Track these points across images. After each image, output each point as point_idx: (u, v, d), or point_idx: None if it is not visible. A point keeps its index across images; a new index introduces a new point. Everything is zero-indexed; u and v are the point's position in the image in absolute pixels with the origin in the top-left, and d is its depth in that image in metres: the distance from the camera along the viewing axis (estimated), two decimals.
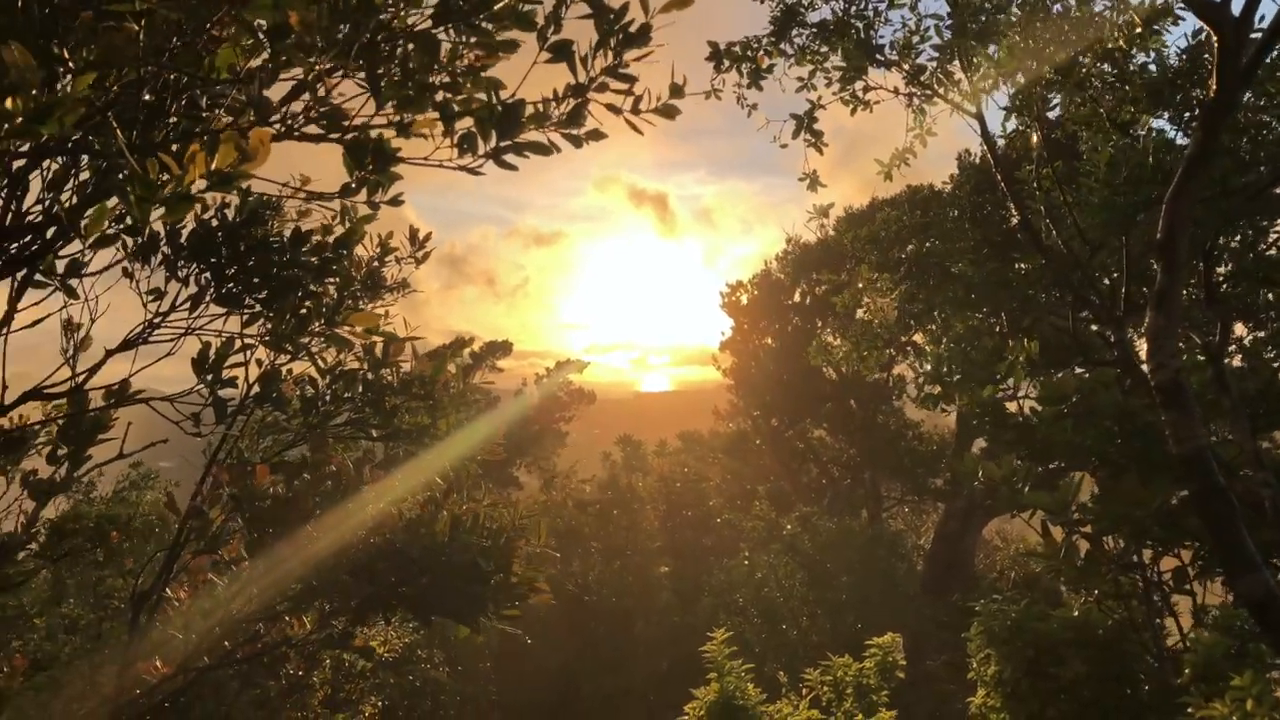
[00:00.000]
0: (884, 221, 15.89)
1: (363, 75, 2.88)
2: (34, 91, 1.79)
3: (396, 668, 13.23)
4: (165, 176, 1.99)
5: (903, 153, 10.00)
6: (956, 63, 9.60)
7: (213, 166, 2.06)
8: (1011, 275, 13.00)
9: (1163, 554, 7.96)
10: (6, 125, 1.80)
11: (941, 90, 9.84)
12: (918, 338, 21.82)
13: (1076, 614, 7.34)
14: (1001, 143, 11.73)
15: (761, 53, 9.30)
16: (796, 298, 32.47)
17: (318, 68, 2.65)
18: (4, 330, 3.86)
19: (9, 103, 1.80)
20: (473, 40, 2.98)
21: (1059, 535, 7.19)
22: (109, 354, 4.33)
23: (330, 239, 5.09)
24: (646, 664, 23.82)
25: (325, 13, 2.43)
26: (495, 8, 2.88)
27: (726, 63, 9.27)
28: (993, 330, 13.23)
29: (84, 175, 3.72)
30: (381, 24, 2.66)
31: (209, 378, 4.48)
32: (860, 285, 16.40)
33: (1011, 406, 8.80)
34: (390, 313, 5.79)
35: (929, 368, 12.34)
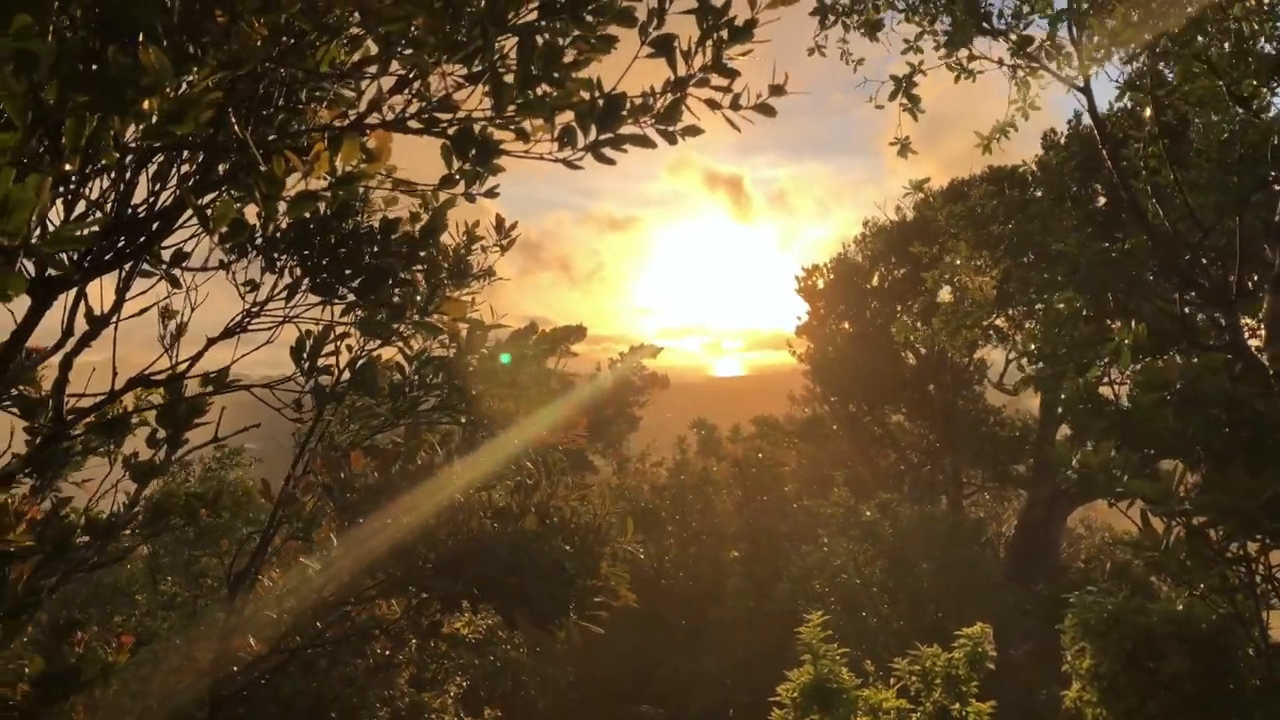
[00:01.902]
0: (981, 197, 15.49)
1: (465, 71, 2.88)
2: (169, 93, 1.80)
3: (479, 649, 13.40)
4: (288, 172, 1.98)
5: (1003, 125, 9.71)
6: (1066, 35, 9.25)
7: (337, 166, 2.06)
8: (1116, 256, 12.55)
9: (1271, 547, 7.63)
10: (143, 126, 1.82)
11: (1049, 63, 9.49)
12: (999, 321, 21.30)
13: (1180, 608, 7.10)
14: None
15: (871, 6, 9.07)
16: (875, 281, 31.99)
17: (440, 70, 2.65)
18: (114, 319, 3.95)
19: (146, 104, 1.81)
20: (575, 35, 2.95)
21: (1159, 526, 6.93)
22: (211, 342, 4.41)
23: (416, 228, 5.13)
24: (721, 649, 23.79)
25: (450, 17, 2.42)
26: (599, 2, 2.85)
27: (831, 18, 9.07)
28: (1094, 312, 12.82)
29: (185, 169, 3.79)
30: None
31: (306, 365, 4.55)
32: (957, 263, 15.98)
33: (1104, 391, 8.52)
34: (475, 300, 5.83)
35: (1027, 349, 11.99)
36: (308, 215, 4.82)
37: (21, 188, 1.47)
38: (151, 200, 3.68)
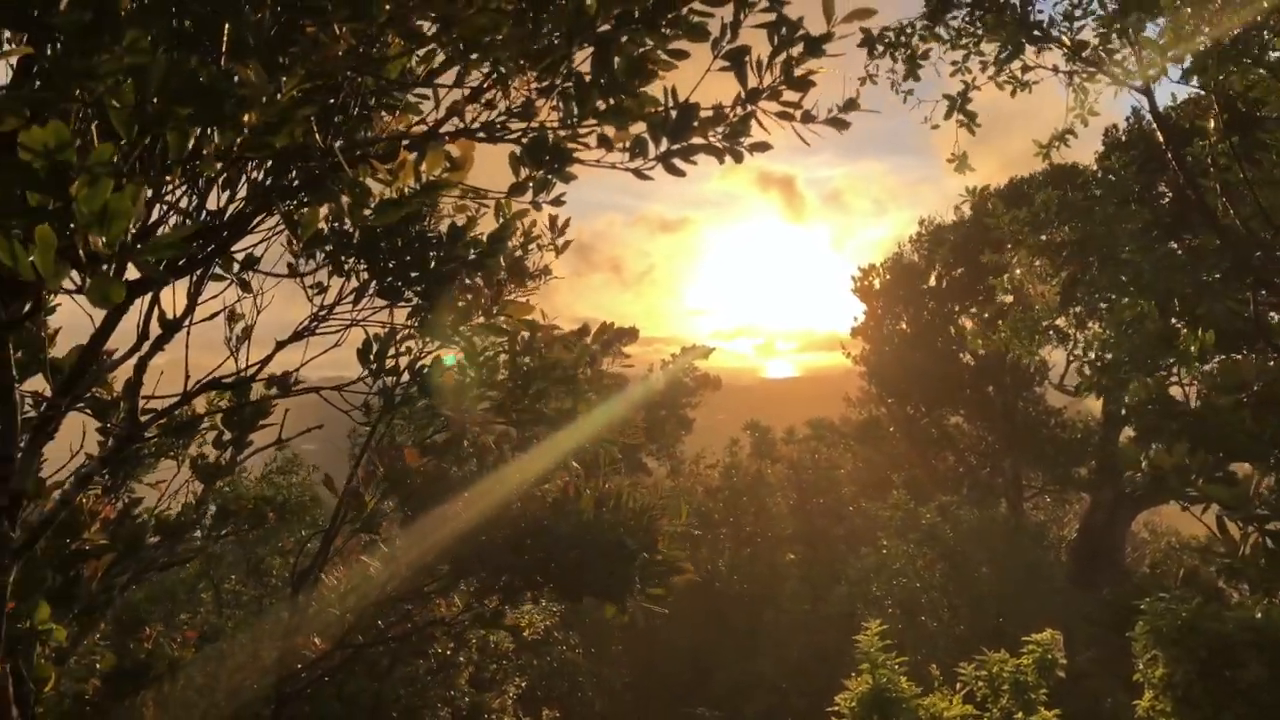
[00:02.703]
0: (1043, 204, 15.21)
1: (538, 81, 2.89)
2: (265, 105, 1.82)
3: (537, 649, 13.48)
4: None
5: (1062, 133, 9.52)
6: (1118, 39, 9.04)
7: (422, 175, 2.07)
8: (1183, 258, 12.22)
9: None
10: (240, 139, 1.84)
11: (1104, 66, 9.28)
12: (1060, 321, 20.89)
13: (1259, 615, 6.88)
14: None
15: (916, 38, 8.99)
16: (932, 281, 31.57)
17: (526, 84, 2.66)
18: (187, 323, 4.02)
19: (246, 117, 1.83)
20: (648, 46, 2.94)
21: (1235, 531, 6.73)
22: (280, 345, 4.47)
23: (482, 234, 5.17)
24: (777, 651, 23.66)
25: (531, 26, 2.42)
26: (671, 15, 2.84)
27: (880, 48, 9.00)
28: (1161, 315, 12.50)
29: (254, 175, 3.85)
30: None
31: (374, 367, 4.59)
32: (1018, 271, 15.70)
33: (1174, 392, 8.27)
34: (531, 301, 5.85)
35: (1091, 353, 11.73)
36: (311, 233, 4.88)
37: (120, 197, 1.49)
38: (225, 206, 3.74)
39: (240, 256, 4.33)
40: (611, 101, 2.79)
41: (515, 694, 11.53)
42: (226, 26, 1.99)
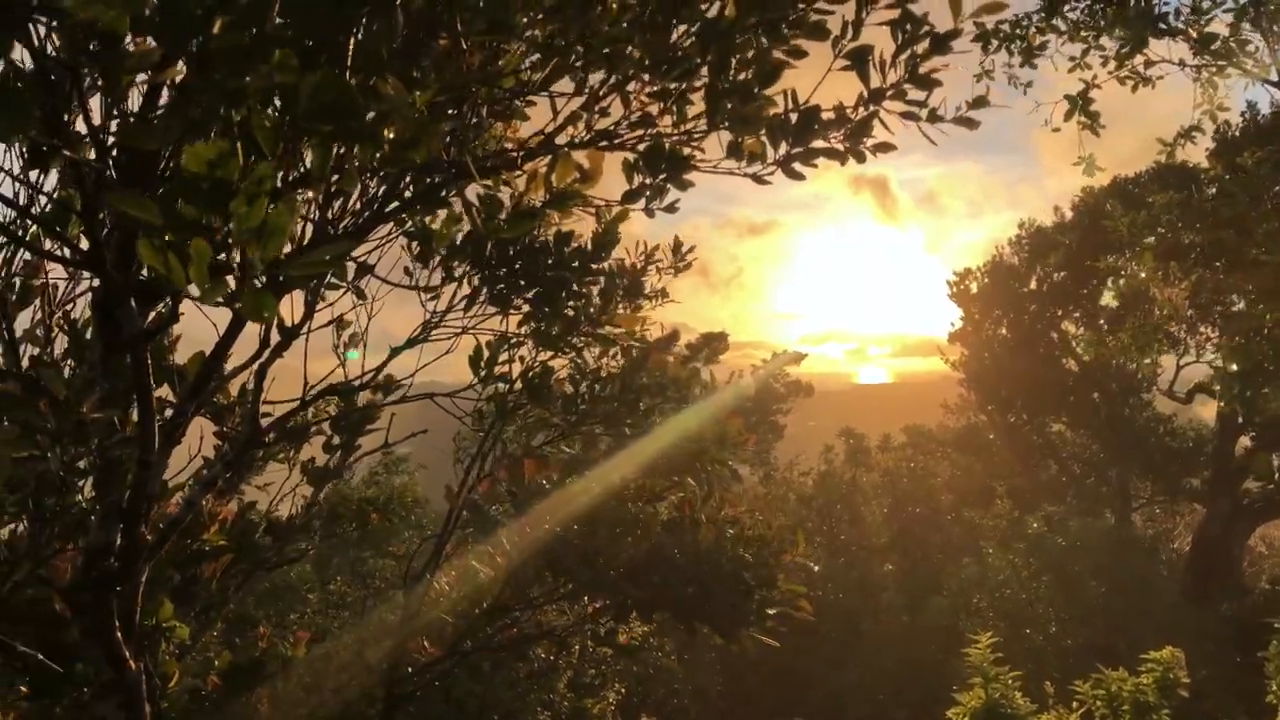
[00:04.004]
0: (1164, 205, 14.63)
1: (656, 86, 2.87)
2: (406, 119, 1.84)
3: (634, 655, 13.48)
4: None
5: (1188, 130, 9.13)
6: (1250, 28, 8.60)
7: (553, 185, 2.07)
8: None
9: None
10: (379, 155, 1.86)
11: (1234, 59, 8.84)
12: (1171, 327, 20.05)
13: None
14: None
15: (1033, 29, 8.71)
16: (1033, 285, 30.70)
17: (641, 90, 2.65)
18: (304, 330, 4.10)
19: (386, 132, 1.85)
20: (766, 45, 2.89)
21: None
22: (395, 352, 4.54)
23: (588, 242, 5.18)
24: (874, 662, 23.25)
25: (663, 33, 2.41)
26: (792, 16, 2.79)
27: (994, 42, 8.75)
28: None
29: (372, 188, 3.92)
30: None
31: (484, 374, 4.63)
32: (1142, 274, 15.09)
33: None
34: (648, 319, 5.84)
35: (1224, 362, 11.19)
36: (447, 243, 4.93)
37: (279, 213, 1.52)
38: (336, 215, 3.81)
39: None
40: (738, 107, 2.74)
41: (616, 700, 11.56)
42: (356, 41, 2.01)
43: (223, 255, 1.60)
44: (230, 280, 1.56)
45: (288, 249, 2.22)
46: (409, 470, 16.95)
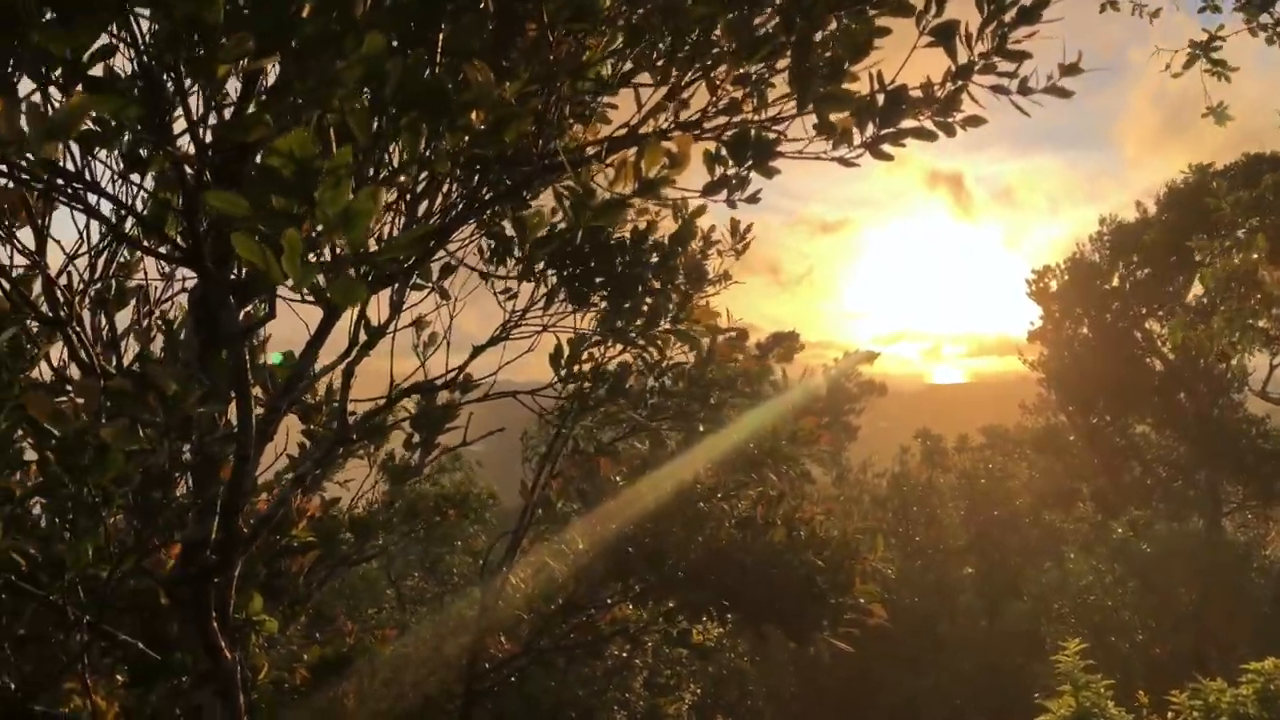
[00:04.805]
0: (1273, 185, 14.03)
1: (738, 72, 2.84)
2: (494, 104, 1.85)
3: (708, 656, 13.44)
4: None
5: None
6: None
7: (643, 174, 2.06)
8: None
9: None
10: (468, 137, 1.87)
11: None
12: (1263, 323, 19.26)
13: None
14: None
15: None
16: (1115, 282, 29.88)
17: (728, 76, 2.63)
18: (391, 330, 4.17)
19: (473, 116, 1.86)
20: (850, 26, 2.85)
21: None
22: (477, 350, 4.59)
23: (663, 237, 5.17)
24: (951, 666, 22.87)
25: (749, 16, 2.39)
26: None
27: None
28: None
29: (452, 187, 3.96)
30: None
31: (564, 372, 4.65)
32: (1254, 256, 14.42)
33: None
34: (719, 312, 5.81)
35: None
36: (562, 225, 4.96)
37: (363, 197, 1.53)
38: (428, 215, 3.86)
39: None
40: (828, 85, 2.70)
41: (692, 700, 11.52)
42: (446, 29, 2.02)
43: (314, 250, 1.62)
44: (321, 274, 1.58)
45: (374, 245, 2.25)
46: (465, 467, 17.01)
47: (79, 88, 1.50)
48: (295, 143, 1.53)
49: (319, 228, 1.55)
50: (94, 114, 1.91)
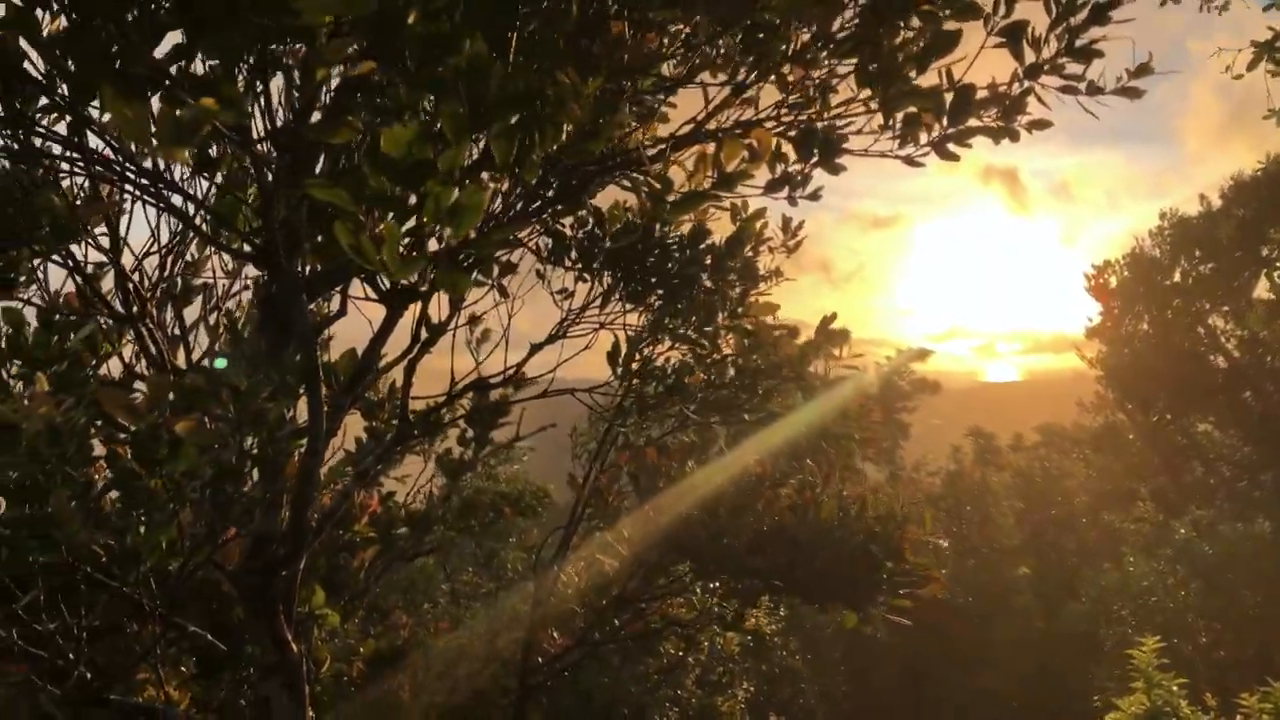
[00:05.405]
0: None
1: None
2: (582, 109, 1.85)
3: (760, 653, 13.40)
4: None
5: None
6: None
7: (723, 167, 2.05)
8: None
9: None
10: (556, 145, 1.88)
11: None
12: None
13: None
14: None
15: None
16: (1176, 278, 29.20)
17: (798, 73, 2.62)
18: (451, 327, 4.20)
19: (567, 120, 1.87)
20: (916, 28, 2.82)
21: None
22: (535, 348, 4.60)
23: (718, 237, 5.17)
24: (1006, 668, 22.56)
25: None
26: None
27: None
28: None
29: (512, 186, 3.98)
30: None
31: (620, 369, 4.66)
32: None
33: None
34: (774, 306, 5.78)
35: None
36: (619, 226, 4.96)
37: (473, 193, 1.55)
38: (504, 211, 3.89)
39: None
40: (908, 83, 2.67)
41: (745, 698, 11.49)
42: (526, 26, 2.03)
43: (408, 238, 1.64)
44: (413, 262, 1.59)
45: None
46: (518, 459, 17.03)
47: (205, 98, 1.52)
48: (409, 134, 1.55)
49: (424, 219, 1.57)
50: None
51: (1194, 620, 17.47)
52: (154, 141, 1.51)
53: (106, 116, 2.09)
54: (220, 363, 3.35)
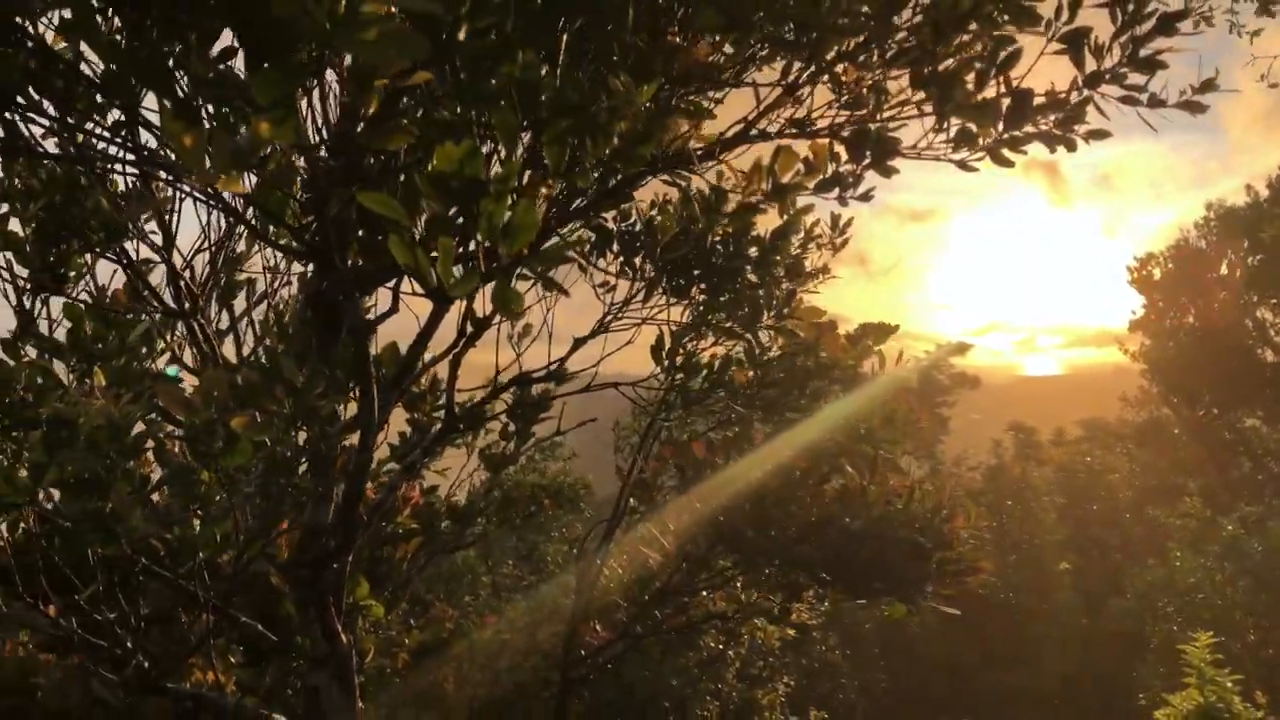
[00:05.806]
0: None
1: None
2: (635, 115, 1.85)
3: (800, 648, 13.38)
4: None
5: None
6: None
7: (777, 178, 2.05)
8: None
9: None
10: (608, 150, 1.88)
11: None
12: None
13: None
14: None
15: None
16: (1223, 270, 28.70)
17: (851, 74, 2.60)
18: (495, 322, 4.21)
19: (619, 126, 1.88)
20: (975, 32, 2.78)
21: None
22: (579, 342, 4.62)
23: (764, 231, 5.14)
24: (1048, 665, 22.33)
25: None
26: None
27: None
28: None
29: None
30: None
31: (665, 364, 4.66)
32: None
33: None
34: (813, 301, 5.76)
35: None
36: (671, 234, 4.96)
37: (527, 211, 1.56)
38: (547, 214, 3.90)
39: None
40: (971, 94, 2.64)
41: (786, 692, 11.48)
42: (586, 35, 2.03)
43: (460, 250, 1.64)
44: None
45: None
46: (563, 455, 17.12)
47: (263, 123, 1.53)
48: (462, 152, 1.56)
49: (478, 236, 1.58)
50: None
51: (1242, 617, 17.17)
52: (209, 168, 1.53)
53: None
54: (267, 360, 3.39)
